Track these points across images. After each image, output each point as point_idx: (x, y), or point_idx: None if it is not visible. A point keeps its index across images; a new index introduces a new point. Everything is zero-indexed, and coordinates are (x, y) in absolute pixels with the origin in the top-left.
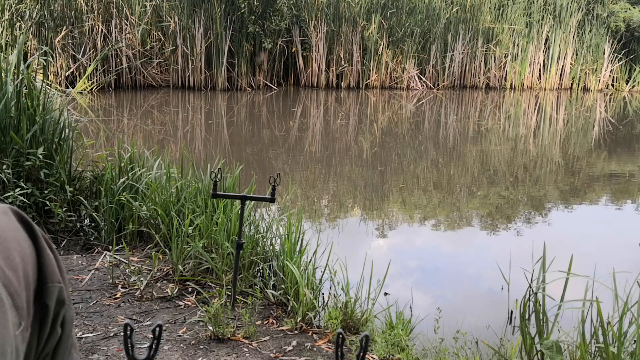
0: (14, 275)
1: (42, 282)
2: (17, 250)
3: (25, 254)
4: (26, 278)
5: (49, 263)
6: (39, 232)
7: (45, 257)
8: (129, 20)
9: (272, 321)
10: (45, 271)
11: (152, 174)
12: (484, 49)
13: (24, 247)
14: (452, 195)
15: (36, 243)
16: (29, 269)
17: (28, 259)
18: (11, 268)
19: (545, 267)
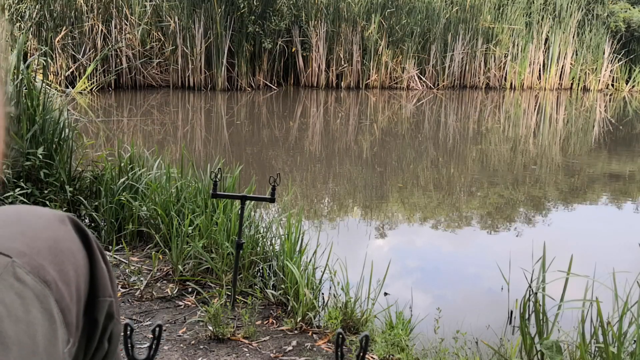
0: (67, 290)
1: (93, 295)
2: (71, 263)
3: (79, 265)
4: (78, 292)
5: (101, 276)
6: (94, 243)
7: (99, 269)
8: (129, 20)
9: (272, 321)
10: (98, 284)
11: (152, 174)
12: (483, 49)
13: (78, 258)
14: (452, 195)
15: (91, 254)
16: (82, 282)
17: (81, 272)
18: (64, 282)
19: (545, 267)
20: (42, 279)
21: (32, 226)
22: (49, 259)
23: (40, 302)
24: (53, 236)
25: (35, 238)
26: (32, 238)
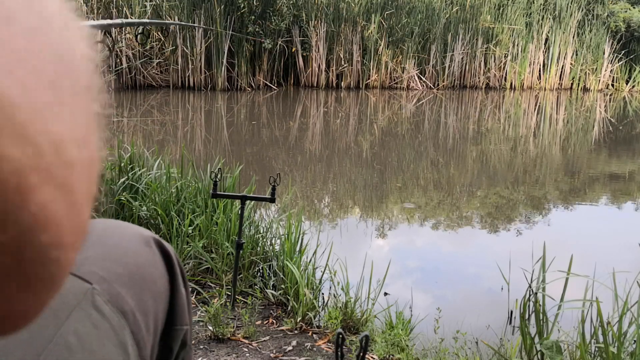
0: (144, 321)
1: (170, 323)
2: (151, 291)
3: (159, 293)
4: (155, 322)
5: (180, 303)
6: (177, 267)
7: (179, 297)
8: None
9: (272, 321)
10: (176, 312)
11: (152, 174)
12: (483, 49)
13: (159, 285)
14: (452, 195)
15: (172, 280)
16: (160, 310)
17: (161, 300)
18: (142, 312)
19: (545, 267)
20: (120, 309)
21: (114, 249)
22: (129, 286)
23: (116, 334)
24: (135, 261)
25: (117, 262)
26: (114, 262)
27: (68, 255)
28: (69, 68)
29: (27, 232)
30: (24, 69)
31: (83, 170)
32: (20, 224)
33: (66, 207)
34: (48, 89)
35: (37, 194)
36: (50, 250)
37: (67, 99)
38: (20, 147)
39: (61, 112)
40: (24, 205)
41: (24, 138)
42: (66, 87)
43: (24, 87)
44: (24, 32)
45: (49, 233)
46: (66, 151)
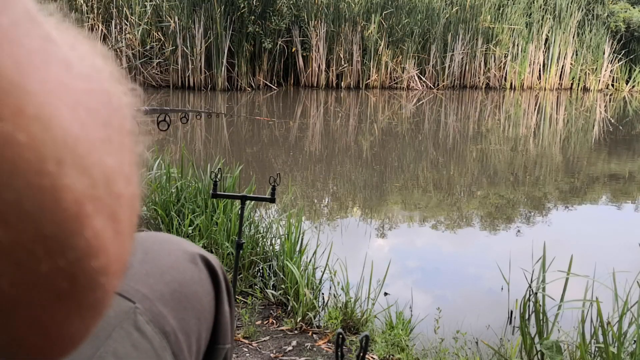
0: (186, 341)
1: (213, 342)
2: (195, 310)
3: (203, 311)
4: (198, 342)
5: (224, 322)
6: (223, 284)
7: (223, 315)
8: (129, 20)
9: (272, 321)
10: (219, 331)
11: (152, 174)
12: (483, 49)
13: (204, 303)
14: (452, 195)
15: (218, 298)
16: (203, 329)
17: (204, 318)
18: (184, 332)
19: (545, 267)
20: (162, 330)
21: (158, 265)
22: (171, 305)
23: (157, 355)
24: (179, 278)
25: (161, 280)
26: (157, 280)
27: (113, 282)
28: (117, 111)
29: (82, 258)
30: (83, 108)
31: (128, 203)
32: (77, 249)
33: (114, 237)
34: (101, 127)
35: (92, 222)
36: (100, 276)
37: (116, 138)
38: (80, 177)
39: (112, 149)
40: (81, 232)
41: (83, 169)
42: (115, 127)
43: (83, 124)
44: (82, 77)
45: (100, 260)
46: (116, 184)
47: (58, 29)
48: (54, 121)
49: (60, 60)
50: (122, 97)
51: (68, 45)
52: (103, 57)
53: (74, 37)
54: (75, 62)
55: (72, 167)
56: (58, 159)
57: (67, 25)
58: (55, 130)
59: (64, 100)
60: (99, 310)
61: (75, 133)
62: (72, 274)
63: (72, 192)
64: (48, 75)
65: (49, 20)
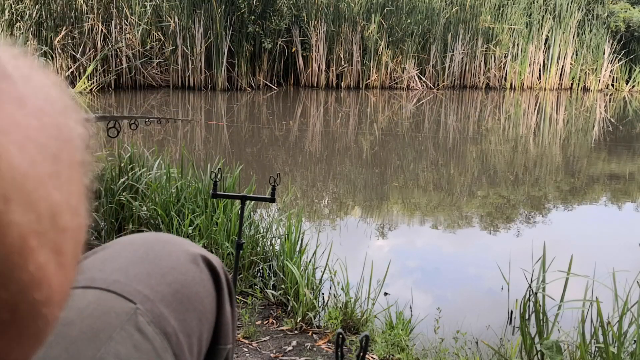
0: (187, 342)
1: (214, 343)
2: (196, 311)
3: (204, 312)
4: (199, 343)
5: (225, 322)
6: (225, 285)
7: (224, 315)
8: (129, 20)
9: (272, 321)
10: (220, 331)
11: (152, 174)
12: (483, 49)
13: (205, 304)
14: (452, 196)
15: (219, 298)
16: (205, 330)
17: (206, 319)
18: (186, 333)
19: (545, 267)
20: (163, 330)
21: (159, 266)
22: (172, 306)
23: (158, 356)
24: (181, 279)
25: (161, 281)
26: (158, 281)
27: (55, 312)
28: (67, 144)
29: (24, 290)
30: (33, 145)
31: (73, 235)
32: (20, 282)
33: (57, 269)
34: (50, 161)
35: (36, 256)
36: (42, 307)
37: (64, 171)
38: (26, 213)
39: (59, 183)
40: (25, 265)
41: (29, 205)
42: (65, 160)
43: (32, 161)
44: (34, 113)
45: (42, 291)
46: (62, 218)
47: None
48: (2, 160)
49: (14, 99)
50: (73, 128)
51: (23, 79)
52: (57, 87)
53: (29, 68)
54: (29, 98)
55: (18, 203)
56: (5, 196)
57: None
58: (3, 169)
59: (14, 138)
60: (40, 339)
61: (24, 170)
62: (14, 305)
63: (17, 227)
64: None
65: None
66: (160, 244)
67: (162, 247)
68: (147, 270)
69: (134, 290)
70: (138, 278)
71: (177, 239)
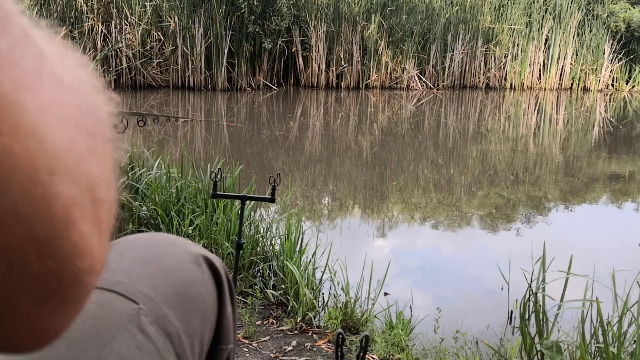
0: (189, 342)
1: (215, 342)
2: (198, 311)
3: (206, 312)
4: (201, 343)
5: (226, 322)
6: (226, 285)
7: (225, 315)
8: (129, 20)
9: (272, 321)
10: (222, 331)
11: (152, 174)
12: (484, 49)
13: (207, 304)
14: (452, 196)
15: (220, 299)
16: (207, 330)
17: (207, 319)
18: (188, 334)
19: (545, 267)
20: (165, 331)
21: (161, 266)
22: (175, 307)
23: (161, 357)
24: (183, 280)
25: (164, 281)
26: (160, 281)
27: (94, 280)
28: (100, 122)
29: (69, 258)
30: (71, 122)
31: (109, 207)
32: (65, 251)
33: (97, 239)
34: (87, 137)
35: (79, 226)
36: (84, 275)
37: (99, 147)
38: (69, 186)
39: (96, 158)
40: (69, 235)
41: (71, 179)
42: (99, 137)
43: (72, 137)
44: (70, 91)
45: (84, 260)
46: (99, 191)
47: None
48: (46, 135)
49: (52, 77)
50: (103, 108)
51: (58, 60)
52: (86, 68)
53: (63, 50)
54: (64, 77)
55: (62, 176)
56: (50, 169)
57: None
58: (48, 144)
59: (55, 115)
60: (80, 306)
61: (65, 145)
62: (59, 274)
63: (61, 199)
64: (41, 92)
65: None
66: (162, 244)
67: (164, 248)
68: (150, 271)
69: (136, 291)
70: (141, 279)
71: (179, 240)
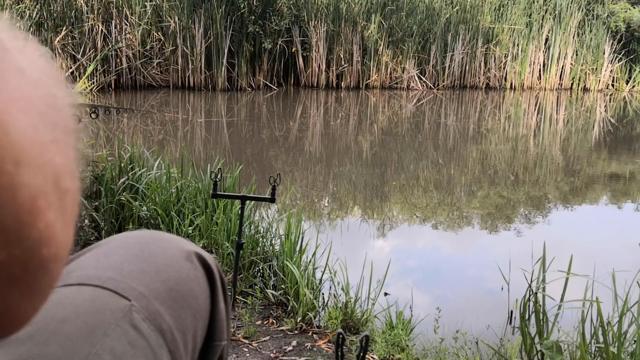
0: (182, 339)
1: (208, 339)
2: (191, 308)
3: (199, 309)
4: (194, 340)
5: (219, 319)
6: (219, 282)
7: (218, 312)
8: (129, 20)
9: (272, 321)
10: (215, 328)
11: (152, 174)
12: (484, 49)
13: (199, 301)
14: (452, 196)
15: (213, 295)
16: (199, 327)
17: (200, 316)
18: (180, 330)
19: (545, 267)
20: (158, 327)
21: (154, 263)
22: (167, 303)
23: (154, 353)
24: (175, 276)
25: (157, 278)
26: (153, 278)
27: (59, 268)
28: (62, 112)
29: (35, 246)
30: (35, 113)
31: (73, 196)
32: (31, 239)
33: (62, 227)
34: (50, 128)
35: (44, 215)
36: (49, 263)
37: (62, 138)
38: (34, 176)
39: (59, 148)
40: (35, 224)
41: (36, 168)
42: (61, 127)
43: (36, 128)
44: (32, 83)
45: (50, 248)
46: (64, 180)
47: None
48: (11, 126)
49: (15, 69)
50: (64, 98)
51: (19, 51)
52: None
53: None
54: (27, 68)
55: (27, 167)
56: (15, 160)
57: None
58: (13, 135)
59: (20, 107)
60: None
61: (30, 136)
62: (25, 261)
63: (27, 188)
64: (5, 84)
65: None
66: (154, 241)
67: (157, 245)
68: (142, 268)
69: (128, 288)
70: (133, 275)
71: (171, 237)
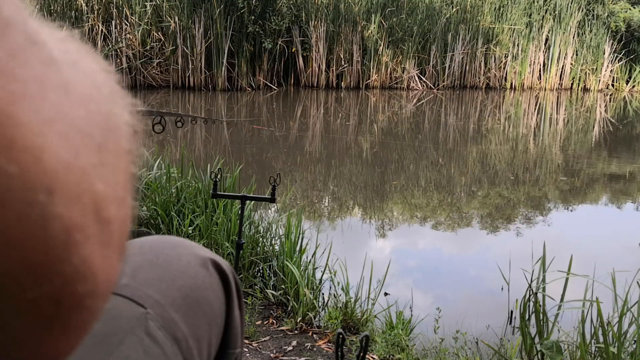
0: (197, 347)
1: (223, 347)
2: (206, 316)
3: (214, 316)
4: (209, 348)
5: (234, 326)
6: (234, 289)
7: (233, 319)
8: (129, 20)
9: (272, 321)
10: (229, 335)
11: (152, 174)
12: (484, 49)
13: (214, 308)
14: (452, 196)
15: (228, 303)
16: (214, 335)
17: (215, 324)
18: (195, 338)
19: (545, 267)
20: (173, 336)
21: (169, 270)
22: (182, 311)
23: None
24: (191, 283)
25: (171, 285)
26: (168, 285)
27: (99, 303)
28: (114, 132)
29: (68, 283)
30: (78, 135)
31: (119, 226)
32: (64, 275)
33: (102, 261)
34: (95, 151)
35: (80, 249)
36: (86, 299)
37: (110, 160)
38: (70, 206)
39: (105, 173)
40: (69, 259)
41: (73, 198)
42: (110, 149)
43: (76, 152)
44: (80, 101)
45: (86, 284)
46: (107, 209)
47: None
48: (45, 151)
49: (58, 86)
50: (120, 115)
51: (70, 65)
52: (105, 71)
53: (77, 52)
54: (75, 84)
55: (62, 196)
56: (48, 189)
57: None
58: (46, 161)
59: (58, 129)
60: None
61: (67, 161)
62: (58, 299)
63: (61, 220)
64: (43, 104)
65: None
66: (169, 247)
67: (172, 251)
68: (157, 275)
69: (144, 295)
70: (148, 282)
71: (186, 243)
